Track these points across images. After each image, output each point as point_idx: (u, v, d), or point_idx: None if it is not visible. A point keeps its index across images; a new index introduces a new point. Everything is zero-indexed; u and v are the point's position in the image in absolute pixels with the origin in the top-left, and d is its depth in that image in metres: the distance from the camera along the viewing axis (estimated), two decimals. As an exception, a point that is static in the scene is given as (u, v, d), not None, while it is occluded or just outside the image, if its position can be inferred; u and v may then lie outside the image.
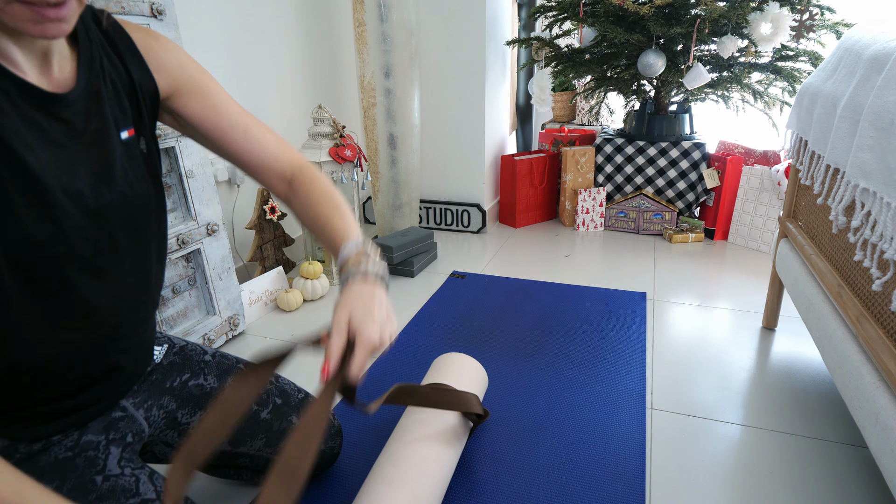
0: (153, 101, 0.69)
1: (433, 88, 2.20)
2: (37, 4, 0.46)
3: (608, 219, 2.31)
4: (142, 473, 0.67)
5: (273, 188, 0.81)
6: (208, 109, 0.74)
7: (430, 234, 1.94)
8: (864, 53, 0.88)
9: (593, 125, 2.81)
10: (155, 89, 0.69)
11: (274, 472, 0.55)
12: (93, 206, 0.59)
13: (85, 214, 0.59)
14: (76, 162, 0.58)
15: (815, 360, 1.31)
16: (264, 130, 0.79)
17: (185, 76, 0.72)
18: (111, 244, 0.62)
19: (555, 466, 0.98)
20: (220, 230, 1.38)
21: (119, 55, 0.65)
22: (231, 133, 0.75)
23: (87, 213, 0.59)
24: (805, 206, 1.22)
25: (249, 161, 0.78)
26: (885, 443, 0.72)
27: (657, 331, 1.46)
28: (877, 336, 0.79)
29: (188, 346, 0.87)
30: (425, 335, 1.46)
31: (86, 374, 0.65)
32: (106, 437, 0.68)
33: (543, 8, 2.20)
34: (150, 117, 0.70)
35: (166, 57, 0.70)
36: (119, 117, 0.64)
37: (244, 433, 0.84)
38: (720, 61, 2.04)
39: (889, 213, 0.73)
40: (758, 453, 1.01)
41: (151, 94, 0.68)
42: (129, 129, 0.65)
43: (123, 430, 0.71)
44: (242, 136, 0.76)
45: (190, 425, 0.81)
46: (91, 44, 0.62)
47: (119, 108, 0.64)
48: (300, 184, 0.79)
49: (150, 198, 0.68)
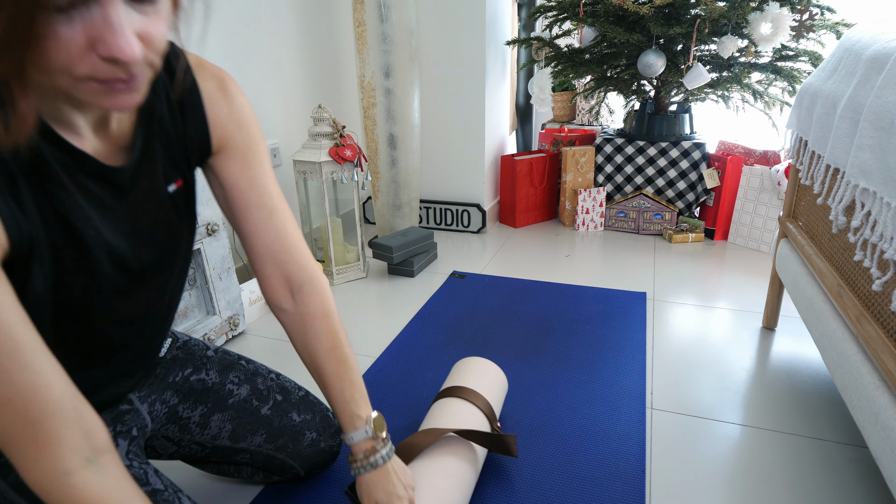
0: (202, 157, 0.67)
1: (433, 88, 2.20)
2: (110, 81, 0.44)
3: (608, 219, 2.31)
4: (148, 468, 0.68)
5: (268, 286, 0.73)
6: (244, 179, 0.69)
7: (430, 234, 1.94)
8: (864, 53, 0.88)
9: (593, 125, 2.81)
10: (208, 147, 0.66)
11: None
12: (133, 267, 0.60)
13: (123, 274, 0.59)
14: (121, 223, 0.58)
15: (815, 360, 1.31)
16: (287, 220, 0.72)
17: (238, 138, 0.68)
18: (146, 295, 0.63)
19: (555, 466, 0.98)
20: (220, 230, 1.38)
21: (181, 109, 0.62)
22: (253, 212, 0.70)
23: (126, 272, 0.59)
24: (805, 206, 1.22)
25: (257, 246, 0.71)
26: (885, 443, 0.72)
27: (657, 331, 1.46)
28: (877, 336, 0.79)
29: (191, 341, 0.87)
30: (425, 335, 1.46)
31: (98, 398, 0.67)
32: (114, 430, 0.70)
33: (543, 8, 2.20)
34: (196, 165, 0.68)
35: (229, 115, 0.66)
36: (169, 171, 0.62)
37: (245, 429, 0.84)
38: (720, 61, 2.04)
39: (889, 213, 0.73)
40: (758, 453, 1.01)
41: (203, 150, 0.66)
42: (178, 181, 0.64)
43: (129, 424, 0.72)
44: (263, 219, 0.70)
45: (190, 419, 0.82)
46: (155, 97, 0.59)
47: (170, 161, 0.62)
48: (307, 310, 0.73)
49: (186, 243, 0.67)
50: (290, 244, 0.72)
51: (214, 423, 0.83)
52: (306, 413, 0.90)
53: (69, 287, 0.53)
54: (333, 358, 0.73)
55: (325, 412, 0.93)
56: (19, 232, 0.46)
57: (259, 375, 0.89)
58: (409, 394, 1.20)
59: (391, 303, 1.67)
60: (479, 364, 1.07)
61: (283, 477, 0.92)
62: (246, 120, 0.68)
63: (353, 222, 2.36)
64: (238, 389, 0.86)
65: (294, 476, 0.92)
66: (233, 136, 0.67)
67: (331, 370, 0.73)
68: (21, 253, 0.47)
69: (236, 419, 0.84)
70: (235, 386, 0.86)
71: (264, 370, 0.91)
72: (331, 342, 0.73)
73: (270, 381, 0.90)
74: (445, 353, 1.36)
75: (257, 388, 0.88)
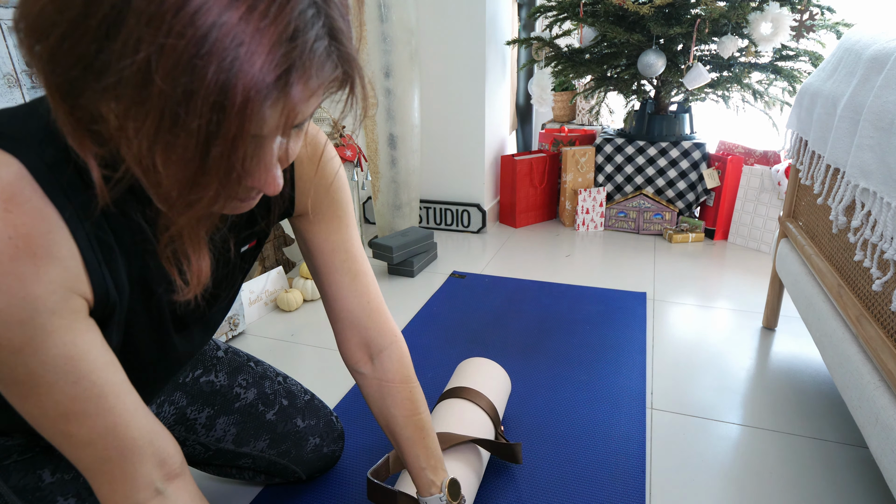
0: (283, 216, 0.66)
1: (433, 88, 2.20)
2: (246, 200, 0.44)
3: (608, 219, 2.31)
4: None
5: (347, 349, 0.73)
6: (328, 243, 0.68)
7: (430, 234, 1.94)
8: (864, 53, 0.88)
9: (593, 125, 2.81)
10: (290, 212, 0.65)
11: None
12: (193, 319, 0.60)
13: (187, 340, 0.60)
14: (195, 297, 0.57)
15: (815, 360, 1.31)
16: (370, 285, 0.71)
17: (324, 203, 0.66)
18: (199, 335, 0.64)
19: (555, 466, 0.98)
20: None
21: None
22: (336, 276, 0.69)
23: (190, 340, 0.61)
24: (805, 206, 1.22)
25: (338, 310, 0.70)
26: (886, 443, 0.72)
27: (657, 331, 1.46)
28: (877, 336, 0.79)
29: None
30: (425, 335, 1.46)
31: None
32: None
33: (543, 8, 2.20)
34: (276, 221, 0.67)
35: (319, 181, 0.64)
36: (246, 234, 0.61)
37: (248, 433, 0.84)
38: (720, 61, 2.04)
39: (889, 213, 0.73)
40: (758, 453, 1.01)
41: (285, 213, 0.65)
42: (251, 242, 0.63)
43: None
44: (346, 283, 0.69)
45: (197, 421, 0.82)
46: None
47: (249, 223, 0.61)
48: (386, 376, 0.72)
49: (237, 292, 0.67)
50: (372, 309, 0.71)
51: (219, 426, 0.83)
52: (311, 418, 0.90)
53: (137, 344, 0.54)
54: (411, 424, 0.72)
55: (329, 417, 0.93)
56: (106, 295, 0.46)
57: (267, 379, 0.89)
58: (409, 394, 1.20)
59: (391, 303, 1.67)
60: (484, 365, 1.07)
61: (285, 479, 0.92)
62: (335, 185, 0.66)
63: (353, 222, 2.36)
64: (245, 393, 0.86)
65: (295, 479, 0.92)
66: (320, 203, 0.65)
67: (407, 436, 0.72)
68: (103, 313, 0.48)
69: (241, 423, 0.84)
70: (243, 389, 0.86)
71: (272, 373, 0.91)
72: (408, 409, 0.72)
73: (278, 384, 0.90)
74: (445, 353, 1.36)
75: (264, 392, 0.88)
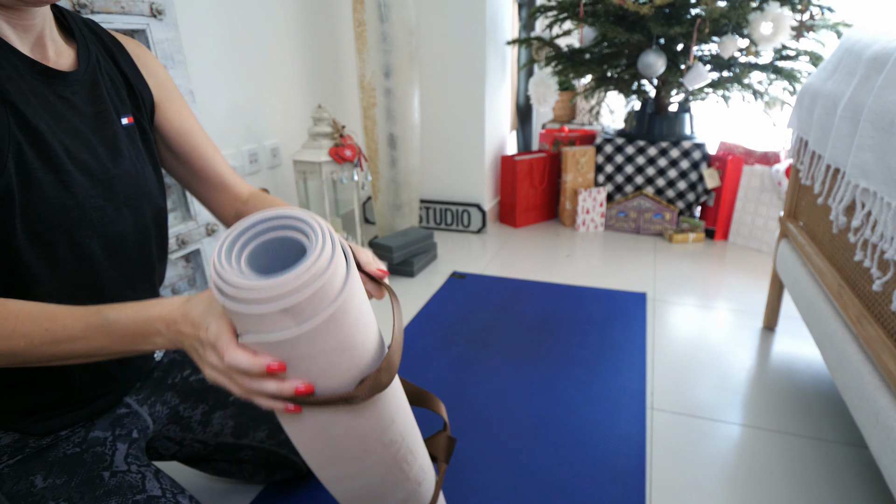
0: (151, 106, 0.71)
1: (433, 88, 2.20)
2: None
3: (608, 219, 2.31)
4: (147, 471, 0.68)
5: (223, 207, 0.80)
6: (186, 125, 0.75)
7: (430, 234, 1.93)
8: (865, 53, 0.88)
9: (593, 125, 2.80)
10: (150, 94, 0.71)
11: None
12: (100, 177, 0.62)
13: (92, 184, 0.61)
14: (80, 136, 0.60)
15: (815, 360, 1.31)
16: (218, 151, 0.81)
17: (167, 87, 0.73)
18: (117, 217, 0.64)
19: (555, 466, 0.98)
20: (219, 230, 1.38)
21: (113, 57, 0.67)
22: (201, 151, 0.77)
23: (95, 182, 0.61)
24: (805, 206, 1.22)
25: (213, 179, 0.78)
26: (886, 443, 0.71)
27: (657, 331, 1.46)
28: (877, 336, 0.79)
29: None
30: (425, 335, 1.46)
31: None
32: (112, 434, 0.70)
33: (543, 8, 2.20)
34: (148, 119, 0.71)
35: (153, 66, 0.73)
36: (118, 105, 0.66)
37: (247, 425, 0.85)
38: (720, 61, 2.04)
39: (889, 213, 0.73)
40: (758, 453, 1.01)
41: (149, 99, 0.71)
42: (129, 117, 0.68)
43: (129, 427, 0.72)
44: (211, 155, 0.77)
45: (192, 418, 0.82)
46: (87, 41, 0.64)
47: (118, 97, 0.67)
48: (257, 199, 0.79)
49: (153, 183, 0.70)
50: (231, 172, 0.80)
51: (216, 421, 0.83)
52: None
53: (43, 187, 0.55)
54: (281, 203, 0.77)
55: None
56: None
57: None
58: (409, 394, 1.20)
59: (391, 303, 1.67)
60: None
61: (285, 474, 0.91)
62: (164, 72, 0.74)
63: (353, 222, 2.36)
64: None
65: (296, 473, 0.92)
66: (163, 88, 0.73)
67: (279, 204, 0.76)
68: None
69: (238, 415, 0.84)
70: None
71: None
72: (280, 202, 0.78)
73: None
74: (445, 353, 1.36)
75: None
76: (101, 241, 0.62)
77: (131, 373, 0.74)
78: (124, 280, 0.67)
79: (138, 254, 0.69)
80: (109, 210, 0.63)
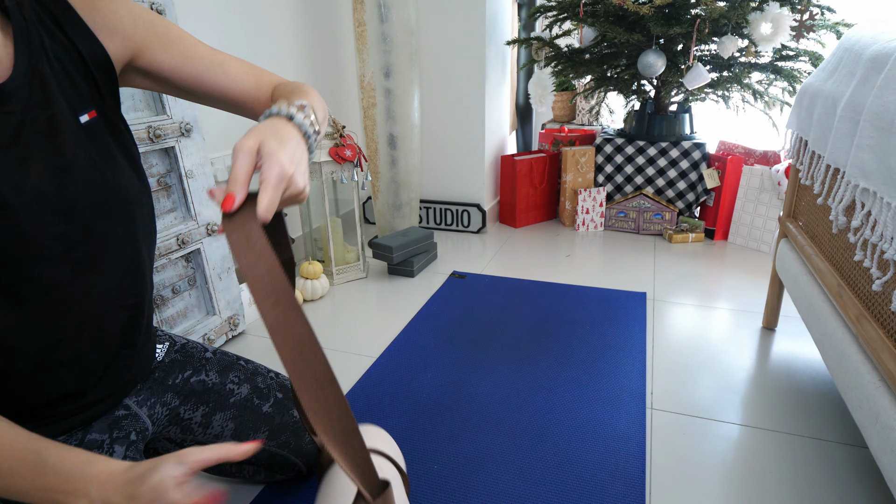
0: (108, 73, 0.62)
1: (433, 88, 2.20)
2: None
3: (608, 219, 2.31)
4: None
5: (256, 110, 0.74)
6: (177, 58, 0.67)
7: (430, 234, 1.94)
8: (864, 53, 0.88)
9: (593, 125, 2.81)
10: (106, 58, 0.61)
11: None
12: (56, 203, 0.56)
13: (48, 212, 0.55)
14: (29, 157, 0.54)
15: (815, 360, 1.31)
16: (239, 63, 0.72)
17: (142, 31, 0.64)
18: (85, 238, 0.59)
19: (555, 466, 0.98)
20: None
21: (61, 28, 0.58)
22: (208, 75, 0.69)
23: (51, 210, 0.56)
24: (805, 206, 1.22)
25: (234, 97, 0.72)
26: (885, 443, 0.72)
27: (657, 331, 1.46)
28: (877, 336, 0.79)
29: (189, 343, 0.87)
30: (425, 335, 1.46)
31: (85, 372, 0.65)
32: (109, 436, 0.69)
33: (543, 8, 2.20)
34: (111, 93, 0.64)
35: (116, 16, 0.62)
36: (75, 100, 0.59)
37: (247, 427, 0.85)
38: (720, 61, 2.04)
39: (889, 213, 0.73)
40: (758, 453, 1.01)
41: (104, 64, 0.62)
42: (90, 112, 0.60)
43: (127, 429, 0.71)
44: (221, 75, 0.70)
45: (192, 420, 0.82)
46: (26, 23, 0.55)
47: (73, 89, 0.59)
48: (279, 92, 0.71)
49: (127, 184, 0.64)
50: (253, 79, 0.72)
51: (217, 423, 0.83)
52: None
53: None
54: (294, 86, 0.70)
55: None
56: None
57: (259, 374, 0.90)
58: (409, 394, 1.20)
59: (391, 303, 1.67)
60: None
61: (285, 475, 0.92)
62: (137, 11, 0.64)
63: (353, 222, 2.36)
64: (239, 389, 0.86)
65: (296, 473, 0.92)
66: (135, 34, 0.63)
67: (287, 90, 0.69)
68: None
69: (238, 418, 0.84)
70: (236, 385, 0.86)
71: (263, 369, 0.91)
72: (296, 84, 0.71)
73: (270, 379, 0.90)
74: (445, 353, 1.36)
75: (258, 387, 0.88)
76: (67, 265, 0.58)
77: (132, 375, 0.74)
78: (111, 297, 0.64)
79: (125, 266, 0.65)
80: (74, 232, 0.58)
